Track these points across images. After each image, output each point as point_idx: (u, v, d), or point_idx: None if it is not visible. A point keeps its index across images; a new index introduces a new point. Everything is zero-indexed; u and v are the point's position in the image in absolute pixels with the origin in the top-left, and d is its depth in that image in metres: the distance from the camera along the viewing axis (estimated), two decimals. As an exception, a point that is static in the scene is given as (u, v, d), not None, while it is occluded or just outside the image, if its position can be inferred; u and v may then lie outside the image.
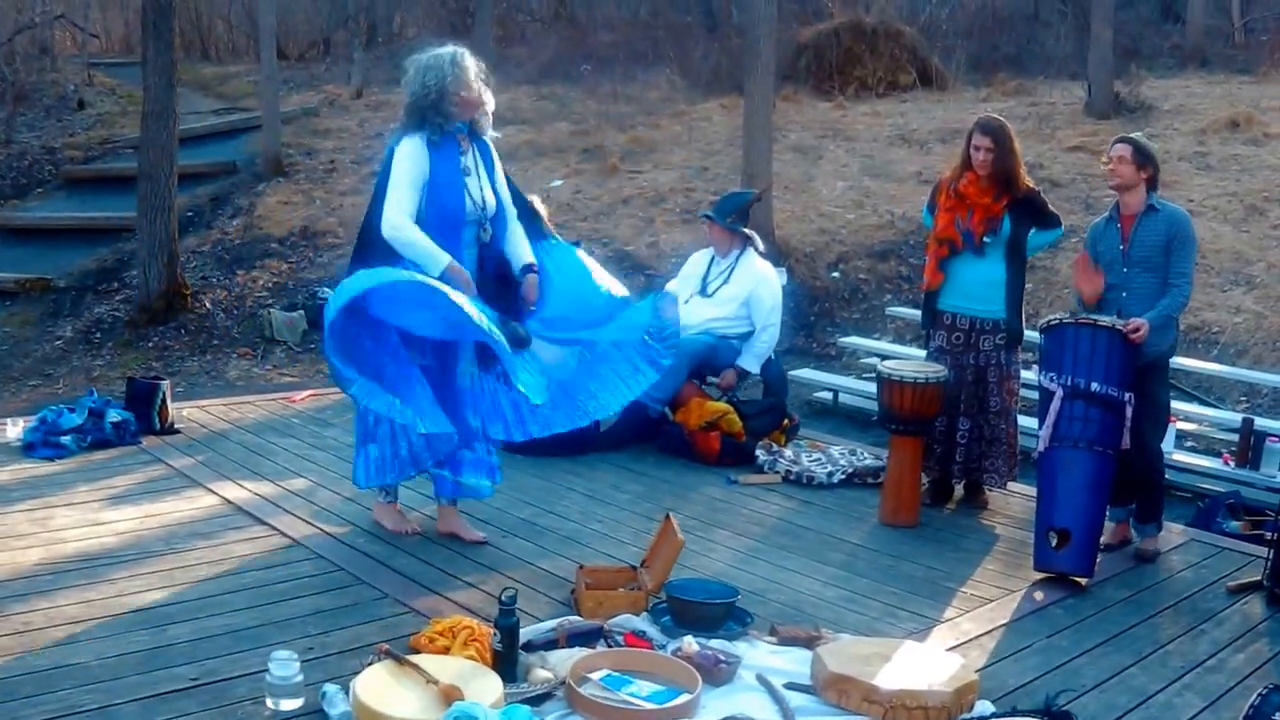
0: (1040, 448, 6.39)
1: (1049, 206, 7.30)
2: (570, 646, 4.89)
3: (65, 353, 14.21)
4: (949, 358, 7.18)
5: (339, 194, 17.88)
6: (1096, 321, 6.28)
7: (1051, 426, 6.30)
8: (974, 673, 4.76)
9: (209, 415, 8.63)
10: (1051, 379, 6.37)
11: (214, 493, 6.89)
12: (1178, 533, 7.18)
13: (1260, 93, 18.96)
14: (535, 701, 4.40)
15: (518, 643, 4.64)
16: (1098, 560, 6.32)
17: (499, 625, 4.57)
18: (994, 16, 26.01)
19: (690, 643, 4.84)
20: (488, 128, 6.19)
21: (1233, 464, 9.14)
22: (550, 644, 4.90)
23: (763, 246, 8.82)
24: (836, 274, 14.42)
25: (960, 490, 7.53)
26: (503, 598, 4.58)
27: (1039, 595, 6.00)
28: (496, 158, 6.27)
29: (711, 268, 8.65)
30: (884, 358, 9.81)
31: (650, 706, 4.37)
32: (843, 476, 7.78)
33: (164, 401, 8.11)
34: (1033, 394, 8.65)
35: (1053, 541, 6.18)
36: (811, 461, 7.93)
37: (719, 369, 8.51)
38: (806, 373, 11.90)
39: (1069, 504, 6.17)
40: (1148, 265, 6.42)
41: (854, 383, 11.58)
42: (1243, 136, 16.55)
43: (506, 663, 4.56)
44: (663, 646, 4.93)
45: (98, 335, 14.58)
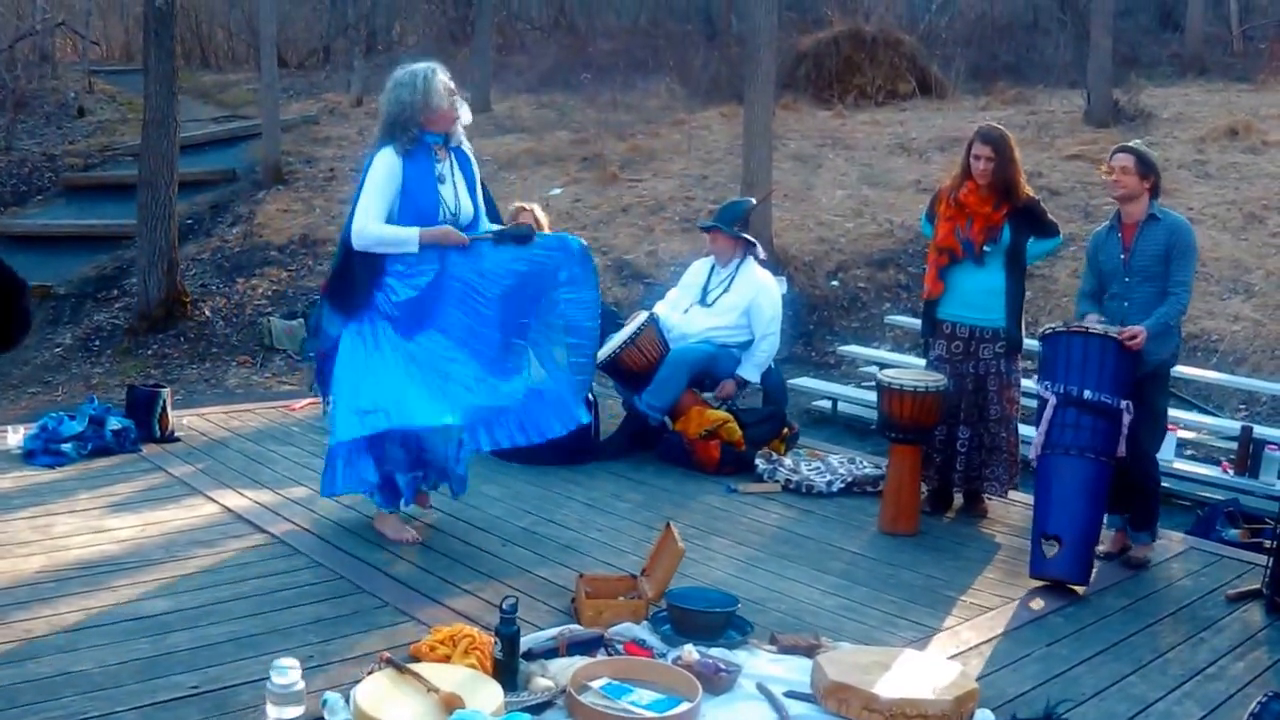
0: (1033, 454, 6.41)
1: (1048, 216, 7.32)
2: (571, 655, 4.89)
3: (65, 360, 14.21)
4: (949, 366, 7.19)
5: (339, 202, 17.86)
6: (1089, 329, 6.30)
7: (1044, 434, 6.32)
8: (974, 681, 4.76)
9: (209, 423, 8.64)
10: (1046, 386, 6.39)
11: (214, 500, 6.90)
12: (1177, 541, 7.18)
13: (1259, 101, 18.99)
14: (536, 710, 4.41)
15: (518, 651, 4.64)
16: (1095, 568, 6.34)
17: (499, 633, 4.57)
18: (993, 25, 26.04)
19: (690, 651, 4.85)
20: (461, 138, 6.33)
21: (1232, 472, 9.14)
22: (551, 652, 4.90)
23: (763, 254, 8.84)
24: (836, 282, 14.43)
25: (960, 499, 7.54)
26: (503, 606, 4.58)
27: (1035, 604, 6.00)
28: (476, 169, 6.44)
29: (712, 277, 8.65)
30: (883, 366, 9.81)
31: (651, 715, 4.37)
32: (842, 485, 7.79)
33: (164, 409, 8.12)
34: (1033, 403, 8.69)
35: (1047, 549, 6.19)
36: (811, 470, 7.93)
37: (719, 378, 8.51)
38: (806, 381, 11.91)
39: (1062, 511, 6.18)
40: (1149, 274, 6.43)
41: (853, 391, 11.59)
42: (1241, 144, 16.58)
43: (507, 671, 4.56)
44: (663, 655, 4.94)
45: (97, 343, 14.59)
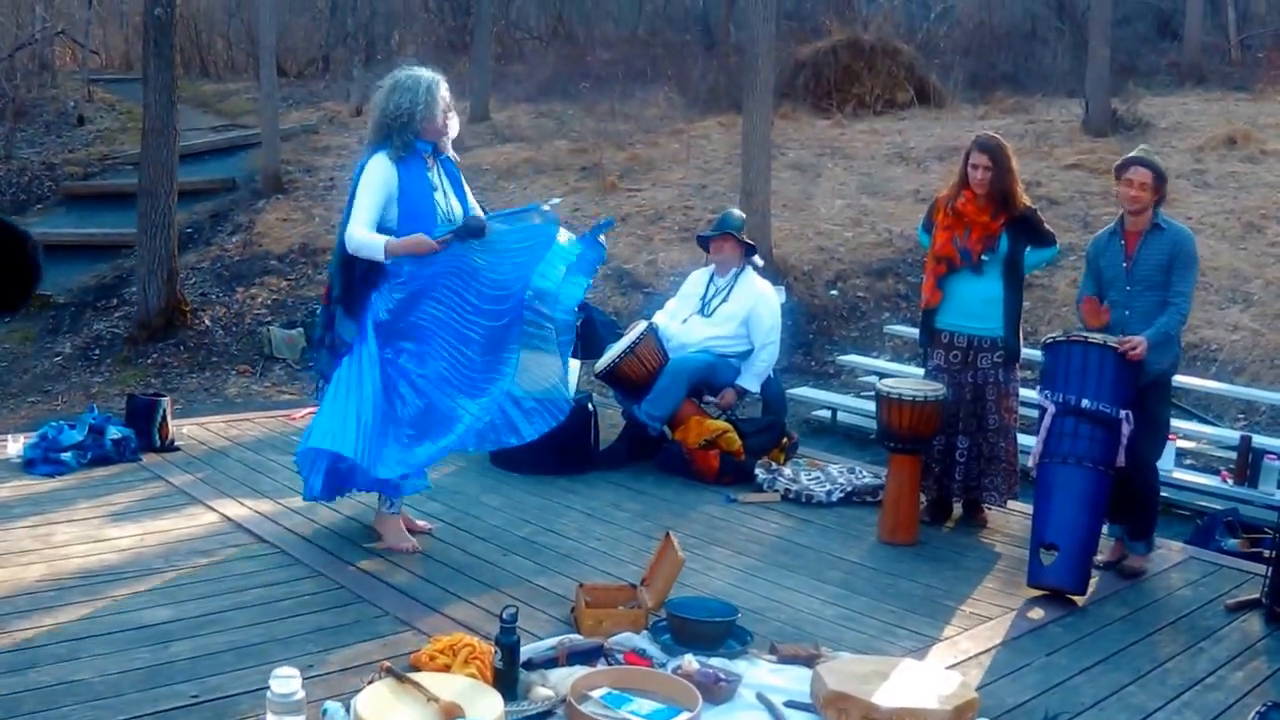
0: (1032, 463, 6.42)
1: (1045, 225, 7.32)
2: (570, 664, 4.90)
3: (64, 369, 14.20)
4: (947, 376, 7.20)
5: (338, 211, 17.67)
6: (1088, 339, 6.31)
7: (1043, 442, 6.33)
8: (973, 691, 4.77)
9: (209, 432, 8.65)
10: (1046, 395, 6.40)
11: (214, 510, 6.91)
12: (1176, 550, 7.18)
13: (1257, 110, 18.99)
14: (536, 719, 4.42)
15: (518, 660, 4.65)
16: (1094, 577, 6.35)
17: (499, 643, 4.58)
18: (991, 34, 26.06)
19: (690, 661, 4.85)
20: (449, 148, 6.40)
21: (1231, 481, 9.14)
22: (550, 662, 4.91)
23: (760, 262, 8.85)
24: (835, 292, 14.43)
25: (959, 509, 7.54)
26: (503, 615, 4.59)
27: (1034, 613, 6.00)
28: (462, 176, 6.53)
29: (710, 286, 8.66)
30: (882, 376, 9.82)
31: (650, 724, 4.39)
32: (841, 495, 7.79)
33: (164, 418, 8.13)
34: (1032, 412, 8.69)
35: (1045, 558, 6.20)
36: (810, 480, 7.94)
37: (718, 387, 8.52)
38: (805, 391, 11.91)
39: (1060, 520, 6.19)
40: (1151, 283, 6.42)
41: (852, 401, 11.58)
42: (1240, 154, 16.58)
43: (507, 681, 4.56)
44: (663, 665, 4.94)
45: (97, 352, 14.58)
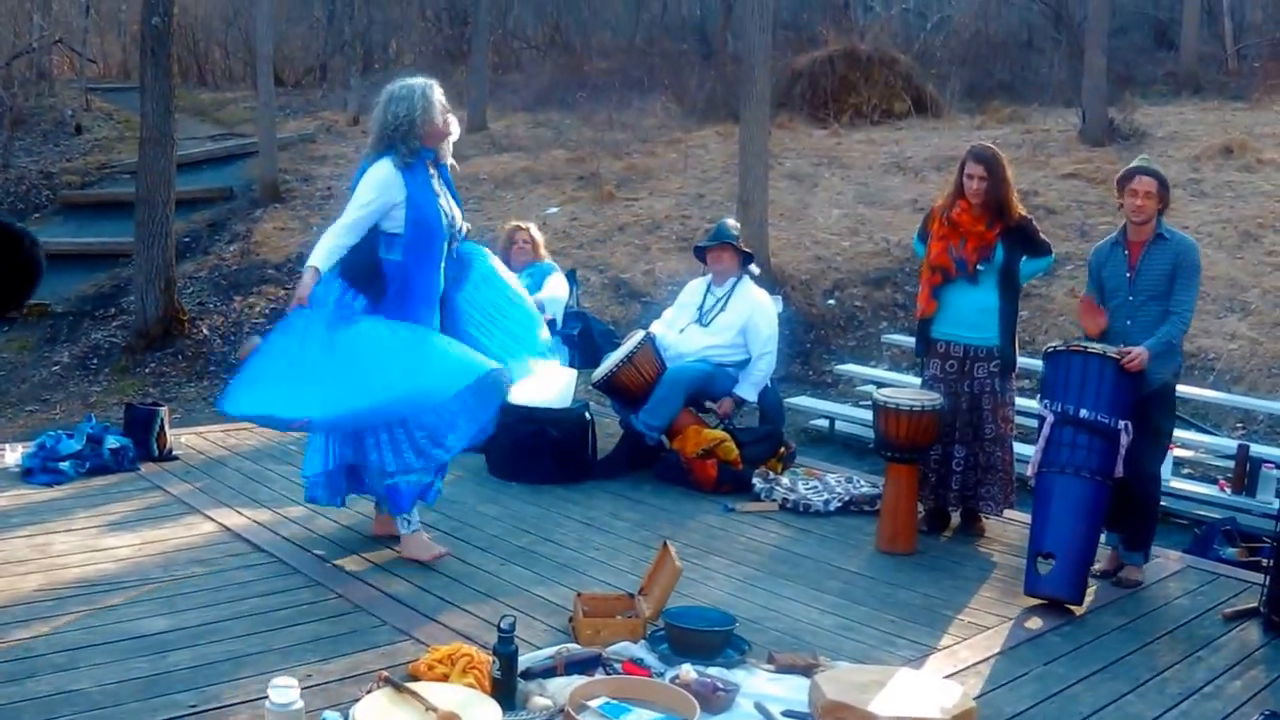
0: (1030, 472, 6.42)
1: (1040, 235, 7.32)
2: (568, 674, 4.89)
3: (62, 378, 14.23)
4: (943, 385, 7.20)
5: (335, 220, 17.85)
6: (1088, 349, 6.31)
7: (1041, 451, 6.33)
8: (971, 700, 4.77)
9: (207, 442, 8.65)
10: (1045, 405, 6.41)
11: (213, 519, 6.90)
12: (1174, 559, 7.18)
13: (1254, 119, 19.04)
14: (534, 729, 4.43)
15: (516, 670, 4.65)
16: (1091, 587, 6.35)
17: (498, 652, 4.58)
18: (988, 44, 26.11)
19: (688, 670, 4.85)
20: (448, 155, 6.42)
21: (1229, 490, 9.15)
22: (549, 671, 4.91)
23: (757, 271, 8.86)
24: (832, 301, 14.46)
25: (957, 518, 7.54)
26: (501, 625, 4.59)
27: (1032, 623, 6.00)
28: (455, 184, 6.54)
29: (708, 296, 8.66)
30: (880, 385, 9.82)
31: (649, 734, 4.39)
32: (839, 504, 7.79)
33: (162, 428, 8.12)
34: (1028, 421, 8.70)
35: (1042, 567, 6.21)
36: (808, 489, 7.93)
37: (715, 397, 8.52)
38: (803, 400, 11.93)
39: (1057, 530, 6.20)
40: (1154, 293, 6.43)
41: (850, 410, 11.59)
42: (1236, 163, 16.61)
43: (505, 690, 4.57)
44: (661, 674, 4.94)
45: (95, 361, 14.60)
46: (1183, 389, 10.18)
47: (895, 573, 6.68)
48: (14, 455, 7.76)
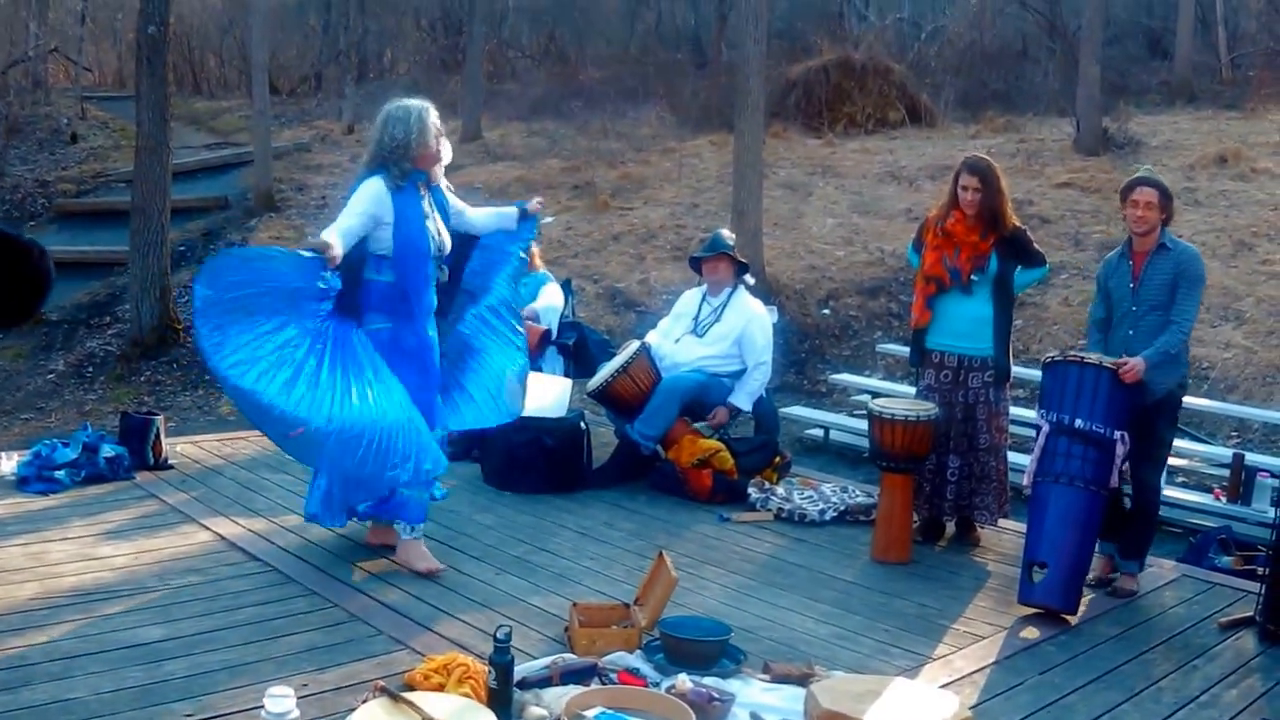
0: (1026, 481, 6.43)
1: (1034, 245, 7.33)
2: (564, 684, 4.89)
3: (57, 387, 14.22)
4: (938, 395, 7.20)
5: (330, 229, 17.87)
6: (1084, 359, 6.32)
7: (1036, 461, 6.34)
8: (967, 710, 4.77)
9: (202, 450, 8.65)
10: (1042, 414, 6.42)
11: (208, 528, 6.90)
12: (1169, 568, 7.18)
13: (1248, 128, 19.07)
14: (530, 738, 4.42)
15: (512, 680, 4.65)
16: (1088, 595, 6.36)
17: (493, 662, 4.58)
18: (982, 54, 26.14)
19: (684, 680, 4.85)
20: (440, 178, 6.46)
21: (1224, 499, 9.16)
22: (544, 681, 4.90)
23: (751, 281, 8.86)
24: (827, 311, 14.47)
25: (952, 527, 7.54)
26: (497, 635, 4.59)
27: (1027, 632, 5.99)
28: (449, 204, 6.54)
29: (703, 306, 8.66)
30: (875, 394, 9.82)
31: (645, 744, 4.38)
32: (834, 514, 7.79)
33: (158, 436, 8.12)
34: (1021, 430, 8.71)
35: (1036, 576, 6.21)
36: (803, 499, 7.93)
37: (711, 407, 8.51)
38: (798, 410, 11.93)
39: (1052, 539, 6.19)
40: (1156, 303, 6.43)
41: (845, 420, 11.60)
42: (1230, 172, 16.64)
43: (501, 700, 4.56)
44: (656, 684, 4.94)
45: (90, 369, 14.59)
46: (1178, 398, 10.21)
47: (890, 582, 6.68)
48: (9, 464, 7.75)
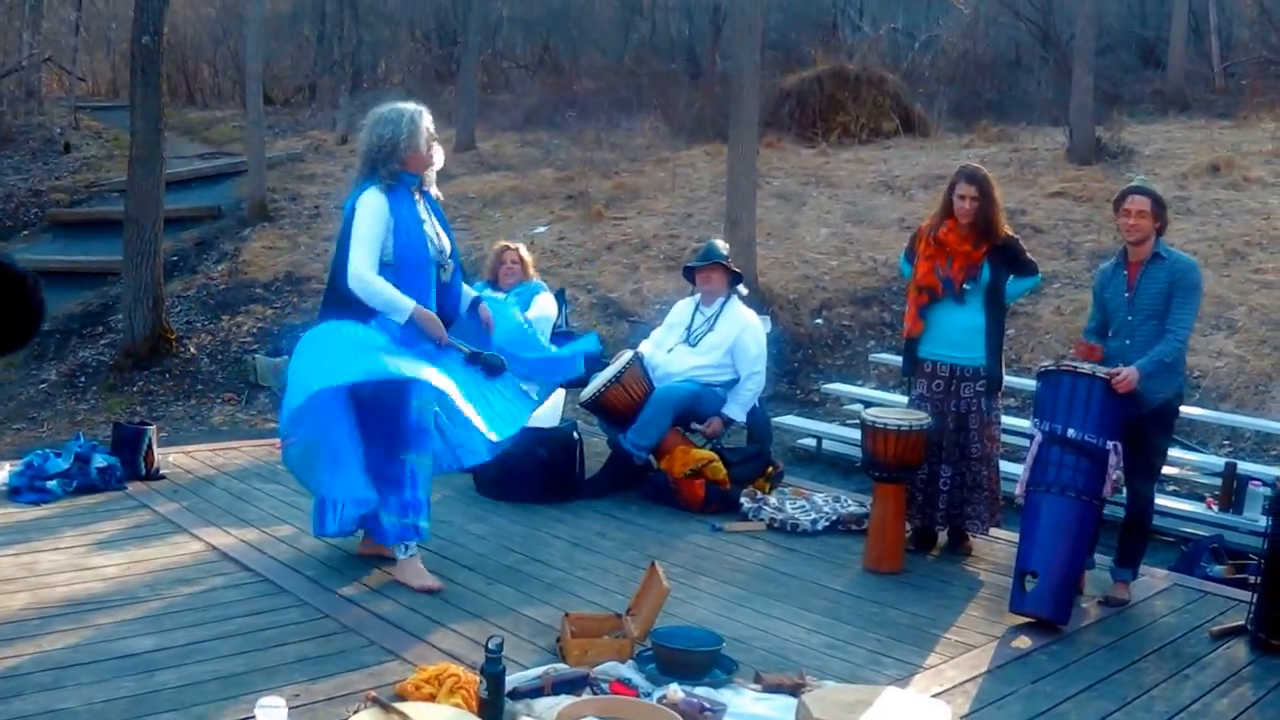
0: (1018, 491, 6.43)
1: (1026, 254, 7.34)
2: (556, 694, 4.89)
3: (50, 396, 14.20)
4: (930, 405, 7.21)
5: (324, 239, 17.89)
6: (1078, 369, 6.33)
7: (1029, 470, 6.35)
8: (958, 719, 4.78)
9: (194, 461, 8.64)
10: (1035, 424, 6.43)
11: (200, 539, 6.89)
12: (1161, 577, 7.18)
13: (1240, 137, 19.09)
14: (521, 749, 4.42)
15: (503, 690, 4.65)
16: (1080, 605, 6.37)
17: (485, 672, 4.58)
18: (976, 63, 26.18)
19: (675, 690, 4.85)
20: (432, 183, 6.42)
21: (1216, 508, 9.16)
22: (536, 691, 4.90)
23: (745, 291, 8.86)
24: (820, 320, 14.47)
25: (944, 537, 7.54)
26: (489, 645, 4.59)
27: (1019, 641, 6.00)
28: (442, 211, 6.54)
29: (696, 316, 8.67)
30: (868, 404, 9.84)
31: (636, 754, 4.38)
32: (827, 523, 7.79)
33: (150, 447, 8.11)
34: (1014, 439, 8.71)
35: (1027, 585, 6.22)
36: (795, 509, 7.94)
37: (703, 416, 8.52)
38: (791, 419, 11.93)
39: (1043, 549, 6.20)
40: (1151, 313, 6.44)
41: (838, 429, 11.59)
42: (1223, 181, 16.65)
43: (492, 710, 4.56)
44: (648, 694, 4.94)
45: (82, 379, 14.57)
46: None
47: (882, 592, 6.69)
48: (1, 474, 7.74)
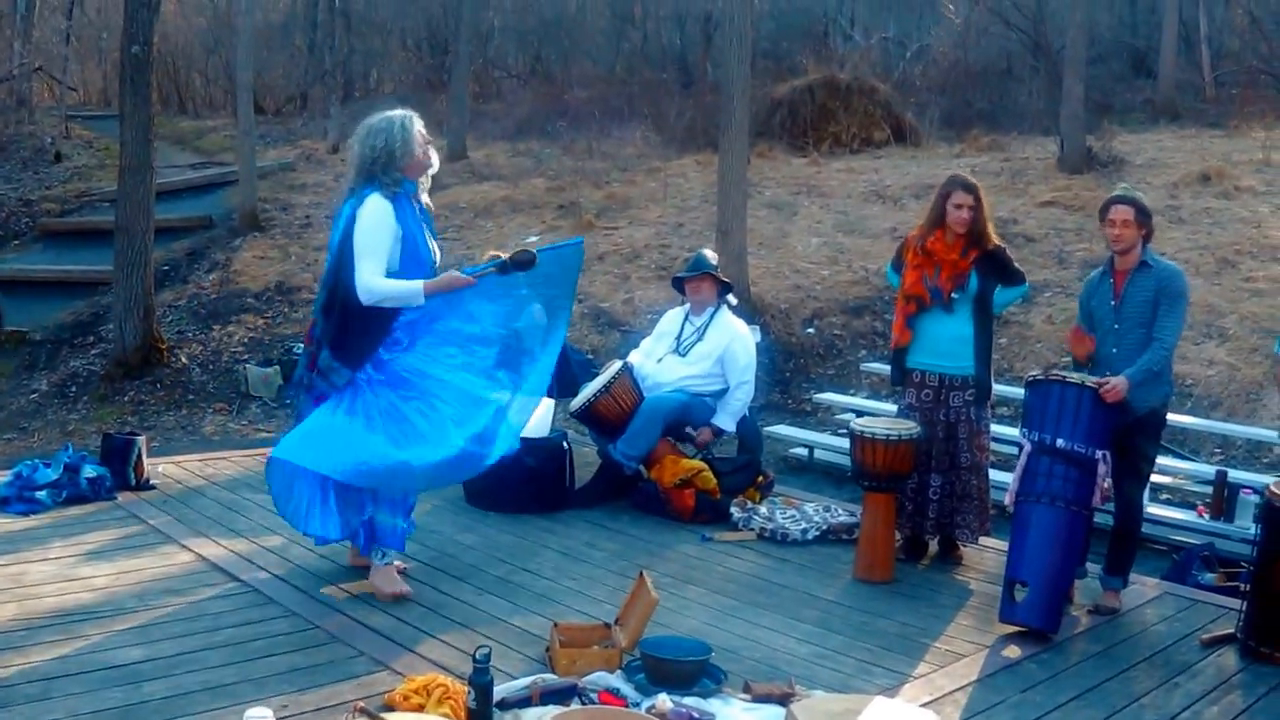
0: (1008, 500, 6.43)
1: (1013, 264, 7.33)
2: (544, 704, 4.88)
3: (41, 406, 14.17)
4: (919, 414, 7.20)
5: (315, 249, 17.88)
6: (1066, 379, 6.33)
7: (1018, 480, 6.34)
8: (947, 729, 4.77)
9: (184, 471, 8.62)
10: (1024, 434, 6.42)
11: (189, 549, 6.88)
12: (1151, 586, 7.18)
13: (1231, 146, 19.14)
14: (510, 759, 4.41)
15: (492, 700, 4.64)
16: (1072, 613, 6.37)
17: (473, 683, 4.57)
18: (967, 73, 26.22)
19: (664, 700, 4.85)
20: (426, 189, 6.38)
21: (1207, 516, 9.18)
22: (524, 702, 4.90)
23: (734, 301, 8.86)
24: (811, 330, 14.47)
25: (934, 546, 7.54)
26: (477, 655, 4.58)
27: (1009, 650, 5.99)
28: (432, 220, 6.50)
29: (685, 325, 8.66)
30: (859, 413, 9.84)
31: (624, 764, 4.38)
32: (817, 533, 7.78)
33: (139, 457, 8.10)
34: (1003, 448, 8.71)
35: (1017, 595, 6.21)
36: (786, 518, 7.93)
37: (694, 426, 8.51)
38: (782, 429, 11.94)
39: (1033, 559, 6.19)
40: (1138, 321, 6.44)
41: (829, 439, 11.61)
42: (1214, 190, 16.69)
43: (480, 720, 4.56)
44: (637, 704, 4.93)
45: (73, 389, 14.55)
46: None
47: (872, 601, 6.68)
48: (-10, 484, 7.74)
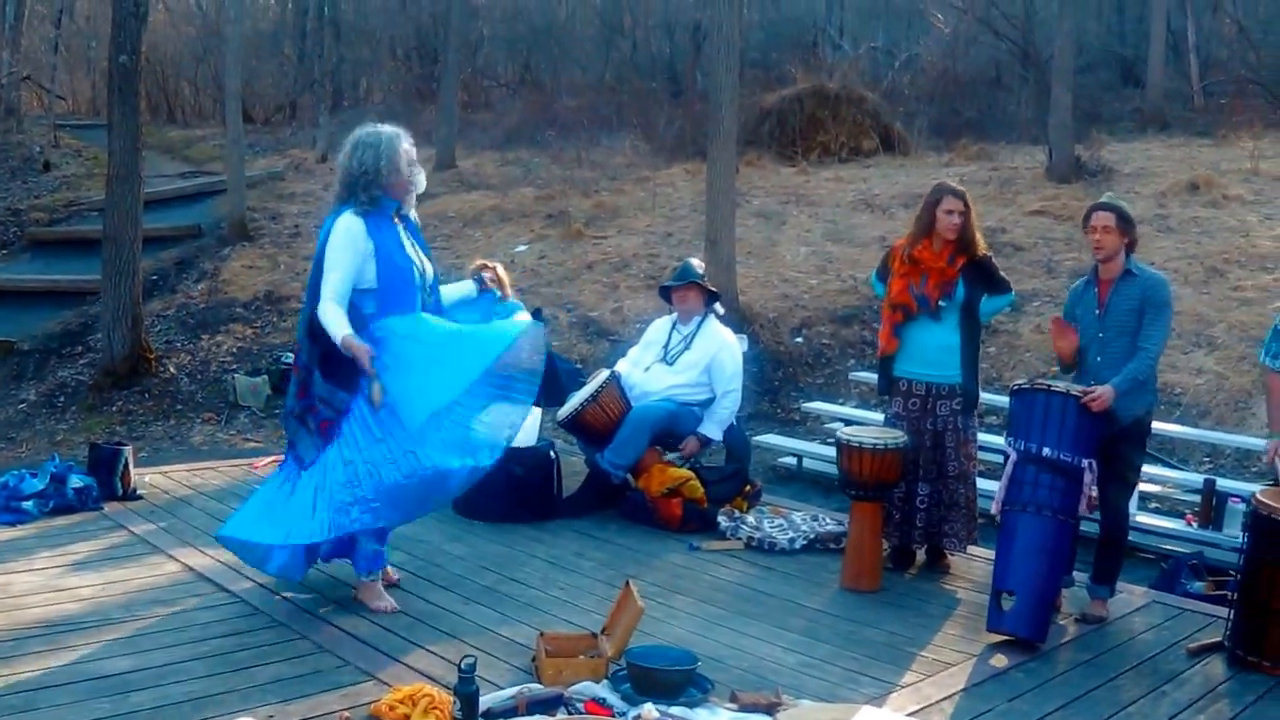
0: (994, 509, 6.43)
1: (999, 273, 7.34)
2: (530, 714, 4.88)
3: (28, 416, 14.13)
4: (906, 423, 7.21)
5: (303, 258, 17.83)
6: (1051, 387, 6.34)
7: (1004, 490, 6.35)
8: (933, 738, 4.77)
9: (171, 481, 8.61)
10: (1010, 443, 6.43)
11: (176, 559, 6.88)
12: (1139, 594, 7.19)
13: (1219, 155, 19.17)
14: (495, 769, 4.41)
15: (477, 710, 4.64)
16: (1059, 622, 6.37)
17: (458, 693, 4.57)
18: (955, 82, 26.23)
19: (650, 710, 4.84)
20: (412, 207, 6.35)
21: (1195, 525, 9.18)
22: (510, 711, 4.89)
23: (721, 310, 8.86)
24: (800, 339, 14.47)
25: (922, 555, 7.54)
26: (462, 665, 4.58)
27: (996, 659, 5.99)
28: (421, 233, 6.47)
29: (673, 334, 8.67)
30: (848, 422, 9.84)
31: (610, 774, 4.37)
32: (805, 542, 7.78)
33: (126, 467, 8.09)
34: (992, 456, 8.71)
35: (1004, 604, 6.21)
36: (773, 527, 7.93)
37: (681, 436, 8.51)
38: (771, 438, 11.93)
39: (1020, 568, 6.20)
40: (1122, 330, 6.46)
41: (818, 448, 11.59)
42: (1202, 199, 16.71)
43: (466, 730, 4.55)
44: (623, 714, 4.93)
45: (61, 399, 14.50)
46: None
47: (859, 610, 6.68)
48: (-23, 495, 7.72)
